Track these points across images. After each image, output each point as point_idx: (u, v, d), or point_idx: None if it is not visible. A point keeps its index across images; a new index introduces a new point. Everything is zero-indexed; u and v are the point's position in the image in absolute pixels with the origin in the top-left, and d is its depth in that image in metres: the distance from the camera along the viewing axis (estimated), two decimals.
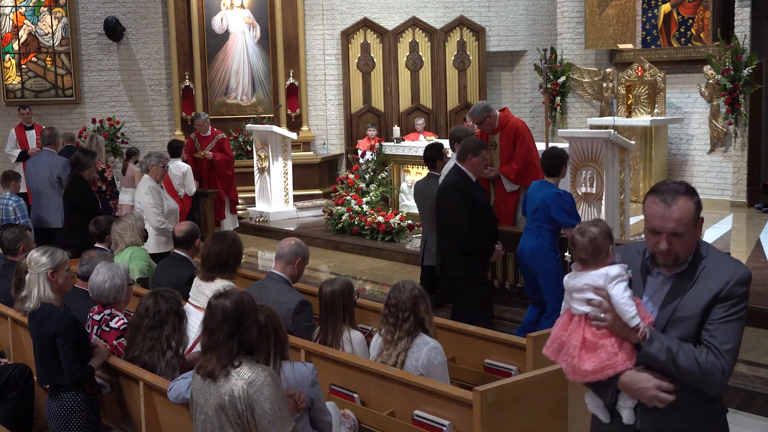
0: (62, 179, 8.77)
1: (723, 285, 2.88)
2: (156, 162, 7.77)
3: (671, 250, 2.87)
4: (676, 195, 2.86)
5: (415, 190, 7.93)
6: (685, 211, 2.85)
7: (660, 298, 2.96)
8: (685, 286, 2.92)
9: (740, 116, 11.96)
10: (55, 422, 4.56)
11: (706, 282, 2.89)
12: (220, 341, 3.41)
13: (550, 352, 3.11)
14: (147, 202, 7.61)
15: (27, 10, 13.95)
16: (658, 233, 2.87)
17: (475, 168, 6.46)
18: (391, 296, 4.51)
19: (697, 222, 2.90)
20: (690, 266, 2.93)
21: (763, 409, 5.66)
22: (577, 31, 14.11)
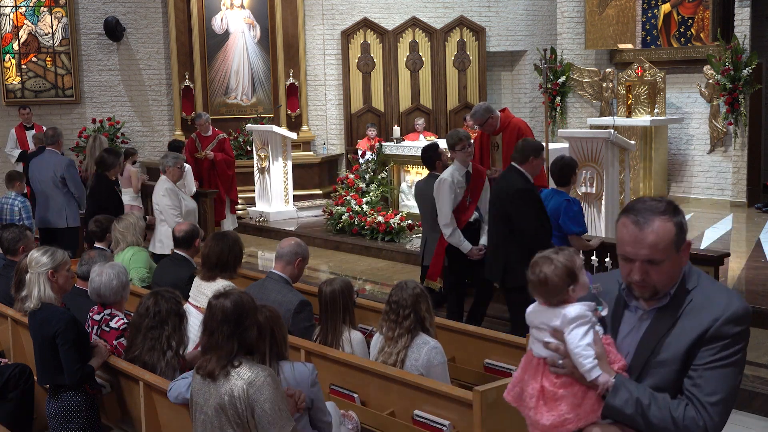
0: (66, 179, 8.76)
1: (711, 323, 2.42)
2: (173, 163, 7.70)
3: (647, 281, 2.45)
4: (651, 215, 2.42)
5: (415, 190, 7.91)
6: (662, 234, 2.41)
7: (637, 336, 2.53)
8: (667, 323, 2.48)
9: (740, 116, 11.96)
10: (55, 422, 4.57)
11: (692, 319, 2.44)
12: (220, 341, 3.41)
13: (510, 398, 2.74)
14: (165, 204, 7.58)
15: (27, 10, 13.95)
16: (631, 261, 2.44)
17: (534, 170, 6.26)
18: (393, 294, 4.53)
19: (680, 247, 2.45)
20: (673, 300, 2.49)
21: (763, 409, 5.66)
22: (577, 31, 14.11)
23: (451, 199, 6.72)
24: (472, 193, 6.89)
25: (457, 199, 6.77)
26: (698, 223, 10.99)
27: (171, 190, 7.62)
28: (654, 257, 2.42)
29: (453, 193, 6.72)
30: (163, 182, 7.72)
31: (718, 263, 6.36)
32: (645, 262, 2.43)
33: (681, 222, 2.47)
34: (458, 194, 6.77)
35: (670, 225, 2.43)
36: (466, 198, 6.85)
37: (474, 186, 6.88)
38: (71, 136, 13.79)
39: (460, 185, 6.77)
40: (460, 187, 6.77)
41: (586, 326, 2.50)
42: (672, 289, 2.50)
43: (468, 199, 6.86)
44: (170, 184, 7.66)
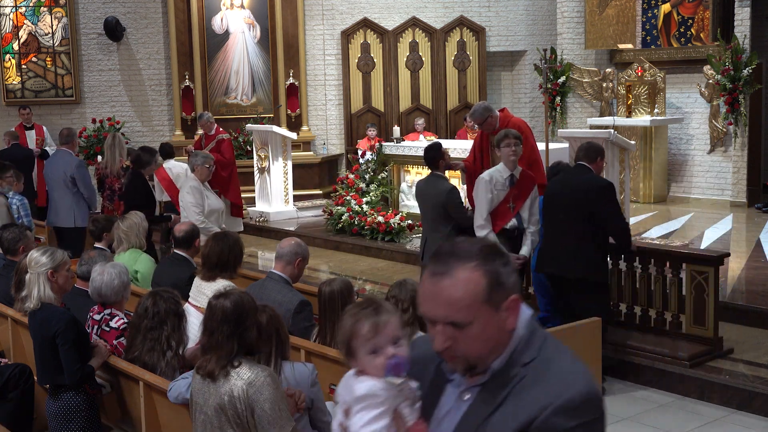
0: (75, 179, 8.79)
1: (537, 411, 1.81)
2: (201, 162, 7.67)
3: (454, 350, 1.88)
4: (454, 262, 1.86)
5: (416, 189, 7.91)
6: (463, 287, 1.84)
7: (455, 419, 1.95)
8: (488, 407, 1.88)
9: (740, 116, 11.96)
10: (55, 422, 4.57)
11: (516, 404, 1.85)
12: (220, 341, 3.41)
13: None
14: (188, 202, 7.57)
15: (27, 10, 13.95)
16: (432, 322, 1.89)
17: (599, 170, 6.46)
18: (392, 290, 4.56)
19: (498, 304, 1.87)
20: (496, 377, 1.90)
21: (763, 409, 5.66)
22: (577, 31, 14.11)
23: (488, 200, 6.37)
24: (516, 199, 6.43)
25: (494, 201, 6.40)
26: (698, 223, 10.99)
27: (195, 188, 7.58)
28: (455, 318, 1.85)
29: (489, 194, 6.36)
30: (189, 180, 7.70)
31: (718, 263, 6.35)
32: (447, 325, 1.86)
33: (497, 271, 1.88)
34: (496, 196, 6.39)
35: (477, 275, 1.85)
36: (508, 203, 6.43)
37: (519, 192, 6.44)
38: None
39: (499, 186, 6.39)
40: (499, 188, 6.39)
41: (374, 410, 1.94)
42: (496, 361, 1.90)
43: (510, 204, 6.44)
44: (196, 183, 7.61)
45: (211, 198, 7.72)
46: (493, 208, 6.41)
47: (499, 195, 6.39)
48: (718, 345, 6.34)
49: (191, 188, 7.59)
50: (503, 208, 6.42)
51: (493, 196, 6.39)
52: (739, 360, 6.28)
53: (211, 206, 7.66)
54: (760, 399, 5.70)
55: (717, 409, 5.79)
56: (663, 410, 5.84)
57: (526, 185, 6.47)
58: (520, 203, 6.43)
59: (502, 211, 6.44)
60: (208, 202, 7.63)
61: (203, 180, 7.69)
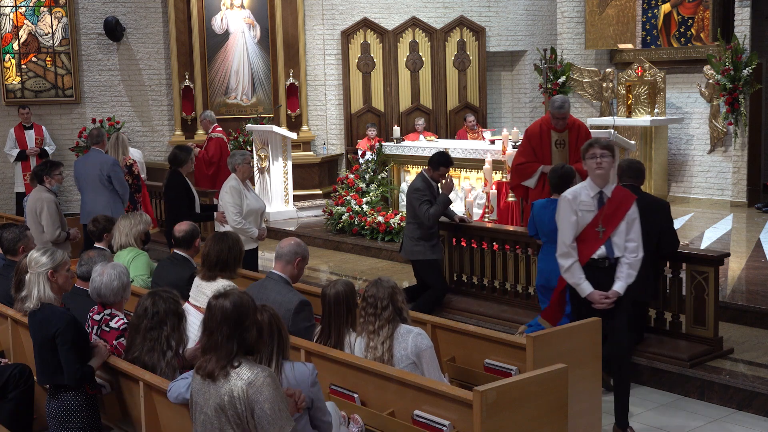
0: (111, 177, 8.95)
1: None
2: (241, 160, 7.67)
3: None
4: None
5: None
6: None
7: None
8: None
9: (740, 116, 11.96)
10: (55, 422, 4.56)
11: None
12: (220, 342, 3.41)
13: None
14: (226, 201, 7.55)
15: (27, 10, 13.95)
16: None
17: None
18: (368, 290, 4.60)
19: None
20: None
21: (763, 409, 5.67)
22: (577, 31, 14.11)
23: (571, 223, 5.33)
24: (607, 222, 5.32)
25: (580, 223, 5.35)
26: (698, 223, 10.99)
27: (234, 188, 7.55)
28: None
29: (573, 215, 5.33)
30: (230, 180, 7.66)
31: (718, 263, 6.35)
32: None
33: None
34: (581, 218, 5.34)
35: None
36: (596, 226, 5.33)
37: (611, 213, 5.33)
38: (71, 136, 13.80)
39: (585, 207, 5.33)
40: (584, 209, 5.33)
41: None
42: None
43: (599, 228, 5.32)
44: (235, 182, 7.58)
45: (250, 198, 7.66)
46: (579, 233, 5.36)
47: (585, 217, 5.33)
48: (718, 345, 6.34)
49: (231, 188, 7.55)
50: (590, 233, 5.33)
51: (578, 219, 5.35)
52: (739, 360, 6.28)
53: (249, 206, 7.61)
54: (760, 399, 5.70)
55: (717, 409, 5.79)
56: (663, 410, 5.84)
57: (620, 205, 5.33)
58: (612, 227, 5.30)
59: (588, 237, 5.34)
60: (247, 202, 7.58)
61: (244, 179, 7.66)
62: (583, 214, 5.34)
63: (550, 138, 7.69)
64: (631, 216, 5.31)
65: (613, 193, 5.35)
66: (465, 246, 8.05)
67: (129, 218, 6.79)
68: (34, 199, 8.11)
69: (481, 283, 7.95)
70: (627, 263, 5.29)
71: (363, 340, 4.57)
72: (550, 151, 7.67)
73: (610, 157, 5.31)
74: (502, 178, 10.02)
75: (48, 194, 8.08)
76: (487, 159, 10.25)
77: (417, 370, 4.43)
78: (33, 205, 8.10)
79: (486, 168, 10.17)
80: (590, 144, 5.37)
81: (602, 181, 5.32)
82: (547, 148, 7.70)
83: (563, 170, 6.66)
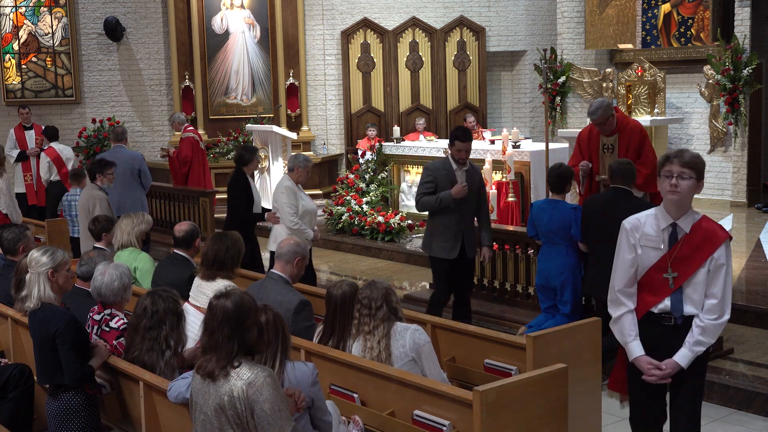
0: (140, 171, 9.41)
1: None
2: (303, 164, 7.68)
3: None
4: None
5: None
6: None
7: None
8: None
9: (740, 116, 11.96)
10: (55, 422, 4.56)
11: None
12: (221, 342, 3.41)
13: None
14: (282, 202, 7.54)
15: (27, 10, 13.95)
16: None
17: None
18: (362, 292, 4.60)
19: None
20: None
21: (763, 409, 5.67)
22: (577, 31, 14.11)
23: (626, 262, 4.05)
24: (678, 266, 3.94)
25: (641, 264, 4.02)
26: None
27: (290, 189, 7.54)
28: None
29: (630, 252, 4.04)
30: (285, 180, 7.65)
31: None
32: None
33: None
34: (644, 256, 4.01)
35: None
36: (665, 271, 3.96)
37: (687, 256, 3.93)
38: (71, 136, 13.79)
39: (650, 242, 4.00)
40: (649, 244, 4.00)
41: None
42: None
43: (669, 274, 3.94)
44: (290, 183, 7.57)
45: (305, 200, 7.65)
46: (640, 276, 4.03)
47: (649, 255, 4.00)
48: (718, 345, 6.34)
49: (286, 188, 7.54)
50: (655, 278, 3.99)
51: (638, 257, 4.03)
52: (739, 360, 6.28)
53: (305, 207, 7.58)
54: (760, 399, 5.70)
55: (717, 409, 5.79)
56: None
57: (702, 245, 3.93)
58: (687, 274, 3.93)
59: (652, 283, 4.00)
60: (302, 203, 7.56)
61: (299, 181, 7.66)
62: (646, 252, 4.00)
63: (598, 142, 7.16)
64: (718, 261, 3.90)
65: (693, 227, 3.94)
66: None
67: (131, 217, 6.80)
68: (86, 197, 8.32)
69: (481, 283, 7.95)
70: (701, 326, 3.91)
71: (359, 343, 4.57)
72: (598, 156, 7.13)
73: (692, 179, 3.88)
74: (502, 178, 10.02)
75: (99, 192, 8.27)
76: (487, 159, 10.25)
77: (416, 367, 4.43)
78: (85, 202, 8.30)
79: (486, 168, 10.16)
80: (667, 158, 3.95)
81: (678, 210, 3.94)
82: (595, 152, 7.20)
83: (560, 170, 6.64)
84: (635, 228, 4.05)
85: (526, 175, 10.21)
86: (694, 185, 3.90)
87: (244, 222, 7.84)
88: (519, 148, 10.37)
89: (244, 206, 7.94)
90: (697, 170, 3.91)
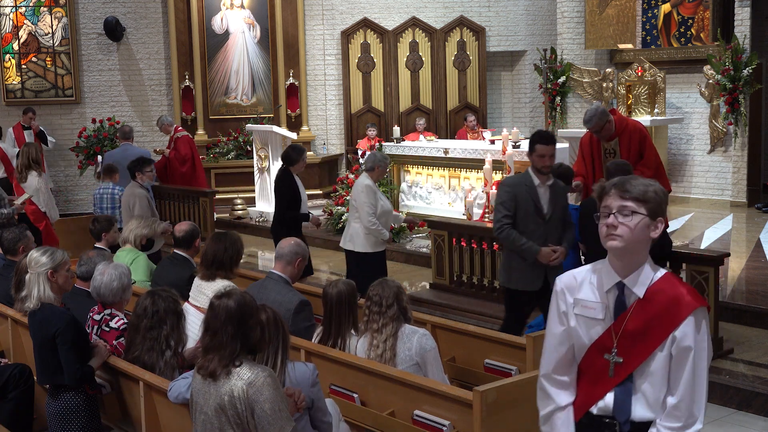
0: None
1: None
2: (382, 162, 7.70)
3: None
4: None
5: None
6: None
7: None
8: None
9: (740, 116, 11.96)
10: (55, 422, 4.56)
11: None
12: (224, 341, 3.41)
13: None
14: (362, 201, 7.52)
15: (27, 10, 13.95)
16: None
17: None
18: (373, 289, 4.59)
19: None
20: None
21: (763, 409, 5.67)
22: (577, 31, 14.11)
23: (555, 337, 2.85)
24: (625, 346, 2.71)
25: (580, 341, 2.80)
26: (698, 223, 10.99)
27: (370, 188, 7.53)
28: None
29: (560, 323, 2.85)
30: (364, 179, 7.66)
31: (718, 263, 6.35)
32: None
33: None
34: (579, 331, 2.79)
35: None
36: (606, 350, 2.74)
37: (638, 331, 2.69)
38: (71, 136, 13.79)
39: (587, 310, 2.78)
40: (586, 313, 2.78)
41: None
42: None
43: (612, 357, 2.72)
44: (371, 182, 7.58)
45: (383, 199, 7.63)
46: (579, 357, 2.81)
47: (587, 330, 2.77)
48: (718, 345, 6.34)
49: (366, 187, 7.51)
50: (596, 363, 2.77)
51: (570, 331, 2.80)
52: (739, 360, 6.28)
53: (384, 207, 7.55)
54: (760, 399, 5.70)
55: (717, 409, 5.78)
56: None
57: (661, 316, 2.69)
58: (639, 358, 2.69)
59: (593, 370, 2.78)
60: (381, 203, 7.56)
61: (377, 180, 7.66)
62: (583, 324, 2.76)
63: (600, 148, 7.02)
64: (682, 343, 2.66)
65: (650, 290, 2.69)
66: (465, 246, 8.05)
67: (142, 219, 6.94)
68: (128, 195, 8.60)
69: (481, 283, 7.95)
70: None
71: (366, 340, 4.56)
72: (601, 161, 6.99)
73: (640, 216, 2.65)
74: (502, 178, 10.03)
75: (140, 190, 8.52)
76: (487, 159, 10.26)
77: (420, 372, 4.43)
78: (127, 200, 8.64)
79: (486, 168, 10.17)
80: (603, 189, 2.77)
81: (624, 264, 2.71)
82: (598, 158, 7.06)
83: (561, 170, 6.59)
84: (569, 289, 2.81)
85: None
86: (645, 225, 2.65)
87: (292, 221, 7.85)
88: (519, 148, 10.36)
89: (286, 206, 7.93)
90: (648, 203, 2.65)
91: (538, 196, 5.70)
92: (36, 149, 9.60)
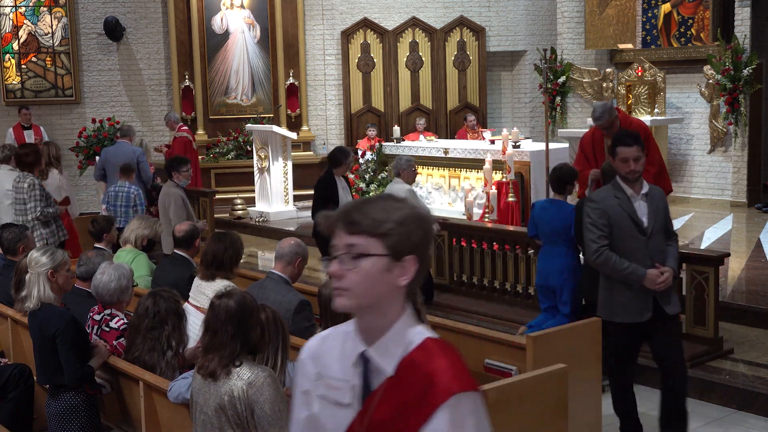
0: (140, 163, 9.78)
1: None
2: (406, 166, 7.77)
3: None
4: None
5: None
6: None
7: None
8: None
9: (740, 116, 11.96)
10: (55, 422, 4.56)
11: None
12: (224, 341, 3.41)
13: None
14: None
15: (27, 10, 13.95)
16: None
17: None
18: None
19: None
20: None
21: (763, 409, 5.66)
22: (577, 31, 14.11)
23: (297, 425, 2.09)
24: None
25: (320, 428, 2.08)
26: (698, 223, 10.99)
27: (410, 191, 7.62)
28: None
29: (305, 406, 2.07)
30: (397, 183, 7.72)
31: (718, 263, 6.35)
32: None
33: None
34: (328, 421, 2.00)
35: None
36: None
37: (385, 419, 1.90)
38: (71, 136, 13.78)
39: (332, 391, 2.00)
40: (330, 394, 2.01)
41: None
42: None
43: None
44: (407, 185, 7.67)
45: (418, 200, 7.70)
46: None
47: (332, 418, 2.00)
48: (718, 345, 6.34)
49: (407, 191, 7.57)
50: None
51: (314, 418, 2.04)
52: (739, 360, 6.27)
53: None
54: (760, 399, 5.69)
55: (717, 409, 5.78)
56: None
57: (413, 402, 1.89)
58: None
59: None
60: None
61: (410, 182, 7.73)
62: (328, 412, 2.01)
63: (602, 146, 7.01)
64: None
65: (402, 365, 1.95)
66: (465, 246, 8.05)
67: (144, 220, 6.93)
68: (164, 194, 8.63)
69: (481, 283, 7.95)
70: None
71: None
72: (603, 158, 6.90)
73: (375, 258, 1.94)
74: (502, 177, 10.02)
75: (176, 189, 8.49)
76: (487, 159, 10.25)
77: None
78: (162, 200, 8.61)
79: (486, 168, 10.17)
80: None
81: (366, 326, 2.04)
82: (601, 155, 7.02)
83: (562, 170, 6.61)
84: (313, 358, 2.07)
85: (526, 175, 10.21)
86: (383, 270, 1.94)
87: None
88: (519, 148, 10.37)
89: (323, 207, 7.94)
90: (386, 237, 1.91)
91: (633, 208, 4.75)
92: (57, 147, 9.85)
